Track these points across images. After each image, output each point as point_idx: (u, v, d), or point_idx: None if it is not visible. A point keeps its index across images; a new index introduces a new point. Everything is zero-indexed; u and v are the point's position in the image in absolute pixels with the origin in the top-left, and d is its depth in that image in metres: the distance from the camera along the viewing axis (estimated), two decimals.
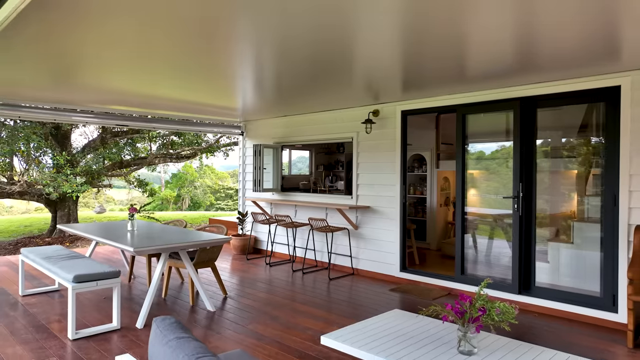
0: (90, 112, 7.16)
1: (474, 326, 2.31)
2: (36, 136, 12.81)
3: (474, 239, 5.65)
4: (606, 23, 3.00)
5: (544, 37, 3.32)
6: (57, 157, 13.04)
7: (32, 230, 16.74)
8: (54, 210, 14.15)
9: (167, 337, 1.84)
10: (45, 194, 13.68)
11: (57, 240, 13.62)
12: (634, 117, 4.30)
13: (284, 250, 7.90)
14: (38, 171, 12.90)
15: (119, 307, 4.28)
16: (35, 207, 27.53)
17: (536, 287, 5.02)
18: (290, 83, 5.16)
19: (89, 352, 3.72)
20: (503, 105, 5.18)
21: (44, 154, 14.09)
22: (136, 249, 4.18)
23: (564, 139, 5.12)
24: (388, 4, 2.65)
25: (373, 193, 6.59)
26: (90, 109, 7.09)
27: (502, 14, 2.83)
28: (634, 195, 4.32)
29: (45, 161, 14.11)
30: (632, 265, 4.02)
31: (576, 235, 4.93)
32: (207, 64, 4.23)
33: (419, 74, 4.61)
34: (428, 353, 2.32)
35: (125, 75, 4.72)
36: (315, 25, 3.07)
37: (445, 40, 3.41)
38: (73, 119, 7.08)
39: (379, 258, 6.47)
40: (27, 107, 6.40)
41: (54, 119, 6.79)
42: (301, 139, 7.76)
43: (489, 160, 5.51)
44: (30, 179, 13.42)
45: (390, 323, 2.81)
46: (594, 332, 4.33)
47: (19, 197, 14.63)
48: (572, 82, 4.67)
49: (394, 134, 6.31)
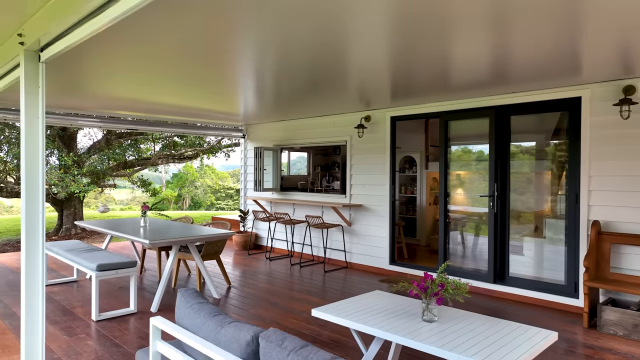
0: (102, 116, 7.70)
1: (434, 299, 2.84)
2: (47, 138, 13.30)
3: (456, 234, 6.19)
4: (569, 45, 3.51)
5: (517, 56, 3.84)
6: (64, 157, 13.49)
7: None
8: (60, 210, 14.61)
9: (190, 302, 2.39)
10: (52, 193, 14.19)
11: (64, 238, 14.06)
12: (592, 125, 4.85)
13: (282, 245, 8.44)
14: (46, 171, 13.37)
15: (135, 293, 4.82)
16: None
17: (510, 277, 5.56)
18: (289, 91, 5.69)
19: (112, 331, 4.27)
20: (480, 113, 5.73)
21: (50, 155, 14.60)
22: (151, 241, 4.72)
23: (539, 142, 5.65)
24: (379, 27, 3.18)
25: (365, 192, 7.14)
26: (96, 114, 7.62)
27: (482, 38, 3.34)
28: (593, 194, 4.86)
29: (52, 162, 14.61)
30: (588, 256, 4.56)
31: (547, 230, 5.47)
32: (214, 76, 4.78)
33: (407, 84, 5.15)
34: (398, 321, 2.85)
35: (137, 86, 5.27)
36: (313, 44, 3.59)
37: (431, 57, 3.91)
38: (79, 123, 7.61)
39: (371, 252, 7.02)
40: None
41: (70, 123, 7.34)
42: (299, 141, 8.30)
43: (469, 162, 6.05)
44: None
45: (371, 301, 3.34)
46: (558, 315, 4.87)
47: None
48: (540, 93, 5.21)
49: (384, 138, 6.85)
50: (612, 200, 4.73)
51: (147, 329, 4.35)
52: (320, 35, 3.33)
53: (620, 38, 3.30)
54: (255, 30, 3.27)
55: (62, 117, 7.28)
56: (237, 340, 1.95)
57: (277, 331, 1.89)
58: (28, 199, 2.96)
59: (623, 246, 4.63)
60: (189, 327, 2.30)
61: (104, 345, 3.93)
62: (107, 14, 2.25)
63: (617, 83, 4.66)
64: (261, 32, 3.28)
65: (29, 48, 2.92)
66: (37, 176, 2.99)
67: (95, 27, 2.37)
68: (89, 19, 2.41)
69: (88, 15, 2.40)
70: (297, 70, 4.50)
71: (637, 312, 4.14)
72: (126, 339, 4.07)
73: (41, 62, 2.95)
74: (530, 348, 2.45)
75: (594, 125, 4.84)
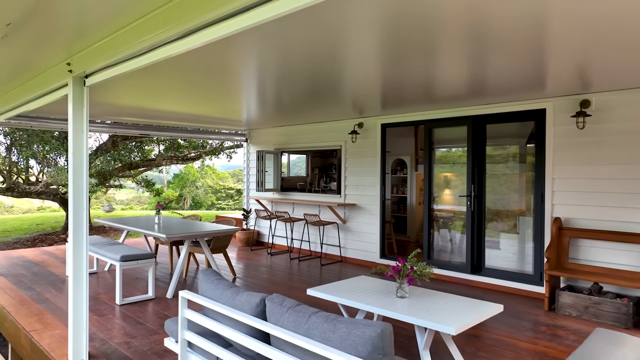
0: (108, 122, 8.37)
1: (405, 280, 3.49)
2: (54, 140, 13.93)
3: (440, 231, 6.85)
4: (535, 67, 4.12)
5: (490, 75, 4.47)
6: None
7: (44, 228, 17.73)
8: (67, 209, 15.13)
9: (210, 278, 3.05)
10: (61, 193, 14.82)
11: None
12: (555, 133, 5.51)
13: (282, 242, 9.11)
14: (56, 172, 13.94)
15: (153, 281, 5.49)
16: (38, 206, 28.60)
17: (486, 268, 6.23)
18: (289, 100, 6.34)
19: (135, 312, 4.93)
20: (460, 122, 6.39)
21: (59, 156, 15.21)
22: (168, 235, 5.39)
23: (512, 147, 6.30)
24: (371, 50, 3.82)
25: (358, 192, 7.80)
26: (100, 120, 8.28)
27: (461, 60, 3.94)
28: (556, 194, 5.53)
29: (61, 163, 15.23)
30: (549, 248, 5.23)
31: (520, 227, 6.13)
32: (220, 89, 5.45)
33: (396, 95, 5.78)
34: (377, 297, 3.51)
35: (151, 99, 5.94)
36: (311, 62, 4.18)
37: (417, 74, 4.49)
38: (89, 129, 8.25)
39: (363, 247, 7.68)
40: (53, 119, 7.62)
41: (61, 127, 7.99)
42: (298, 146, 8.97)
43: (451, 165, 6.71)
44: (50, 179, 14.54)
45: (356, 283, 4.00)
46: (525, 301, 5.53)
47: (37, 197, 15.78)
48: (511, 104, 5.88)
49: (375, 143, 7.52)
50: (572, 200, 5.40)
51: (165, 311, 5.01)
52: (317, 56, 3.96)
53: (577, 60, 3.89)
54: (260, 56, 3.93)
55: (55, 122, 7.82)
56: (249, 303, 2.62)
57: (279, 295, 2.55)
58: (75, 199, 3.63)
59: (580, 239, 5.30)
60: (211, 298, 2.96)
61: (130, 323, 4.59)
62: (141, 59, 2.91)
63: (575, 97, 5.33)
64: (265, 55, 3.94)
65: (76, 75, 3.59)
66: (82, 179, 3.65)
67: (130, 68, 3.05)
68: (125, 61, 3.08)
69: (124, 59, 3.07)
70: (297, 83, 5.13)
71: (587, 296, 4.80)
72: (147, 319, 4.73)
73: (86, 86, 3.62)
74: (478, 315, 3.12)
75: (557, 134, 5.50)
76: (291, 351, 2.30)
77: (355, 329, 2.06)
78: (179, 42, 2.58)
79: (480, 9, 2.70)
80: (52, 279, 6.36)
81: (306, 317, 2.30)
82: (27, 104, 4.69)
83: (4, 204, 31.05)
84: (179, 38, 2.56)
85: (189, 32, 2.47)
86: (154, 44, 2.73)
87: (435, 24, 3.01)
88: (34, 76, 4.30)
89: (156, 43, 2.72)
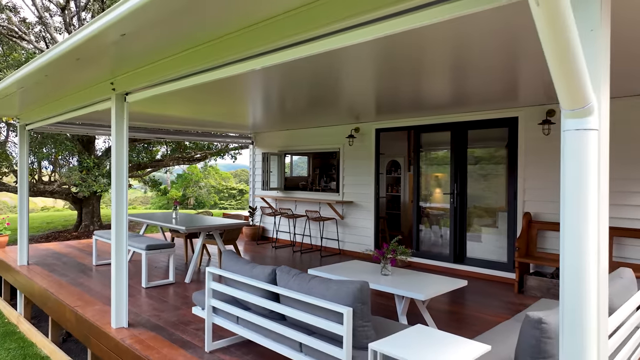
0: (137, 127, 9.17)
1: (389, 260, 4.27)
2: (69, 142, 14.68)
3: (427, 225, 7.62)
4: (509, 83, 4.90)
5: (470, 89, 5.21)
6: (87, 160, 14.65)
7: (55, 226, 18.43)
8: (79, 208, 15.85)
9: (231, 256, 3.84)
10: (73, 193, 15.56)
11: (84, 234, 15.33)
12: (526, 138, 6.28)
13: (286, 236, 9.89)
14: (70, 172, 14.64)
15: (173, 267, 6.27)
16: (42, 206, 29.31)
17: (467, 258, 7.00)
18: (292, 107, 7.10)
19: (159, 293, 5.72)
20: (444, 127, 7.16)
21: (72, 157, 15.93)
22: (187, 228, 6.17)
23: (491, 150, 7.07)
24: (366, 67, 4.60)
25: (355, 191, 8.58)
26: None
27: (445, 77, 4.69)
28: (526, 191, 6.30)
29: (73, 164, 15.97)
30: (520, 239, 6.00)
31: (499, 222, 6.89)
32: (230, 100, 6.23)
33: (388, 104, 6.52)
34: (367, 275, 4.28)
35: (167, 109, 6.72)
36: (313, 78, 4.95)
37: (407, 87, 5.23)
38: (97, 132, 8.98)
39: (359, 241, 8.46)
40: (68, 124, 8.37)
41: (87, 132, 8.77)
42: (300, 148, 9.76)
43: (438, 166, 7.48)
44: (65, 179, 15.31)
45: (351, 265, 4.78)
46: (499, 285, 6.30)
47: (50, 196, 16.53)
48: (489, 112, 6.65)
49: (370, 146, 8.30)
50: (539, 197, 6.17)
51: (186, 292, 5.80)
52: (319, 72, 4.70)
53: (542, 77, 4.62)
54: (267, 73, 4.72)
55: (81, 127, 8.50)
56: (263, 273, 3.39)
57: (286, 267, 3.33)
58: (117, 195, 4.41)
59: (547, 231, 6.07)
60: (232, 271, 3.74)
61: (156, 301, 5.38)
62: (172, 85, 3.70)
63: (542, 107, 6.10)
64: (272, 72, 4.72)
65: (118, 93, 4.37)
66: (122, 176, 4.43)
67: (163, 91, 3.85)
68: (160, 84, 3.86)
69: (159, 83, 3.86)
70: (300, 93, 5.87)
71: (550, 279, 5.57)
72: (170, 298, 5.52)
73: (126, 102, 4.40)
74: (444, 287, 3.90)
75: (527, 139, 6.27)
76: (296, 306, 3.08)
77: (342, 286, 2.84)
78: (205, 74, 3.37)
79: (459, 38, 3.34)
80: (81, 268, 7.15)
81: (307, 280, 3.08)
82: (72, 112, 5.46)
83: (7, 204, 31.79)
84: (204, 71, 3.36)
85: (212, 68, 3.27)
86: (180, 74, 3.53)
87: (422, 51, 3.72)
88: (80, 90, 5.08)
89: (182, 74, 3.51)
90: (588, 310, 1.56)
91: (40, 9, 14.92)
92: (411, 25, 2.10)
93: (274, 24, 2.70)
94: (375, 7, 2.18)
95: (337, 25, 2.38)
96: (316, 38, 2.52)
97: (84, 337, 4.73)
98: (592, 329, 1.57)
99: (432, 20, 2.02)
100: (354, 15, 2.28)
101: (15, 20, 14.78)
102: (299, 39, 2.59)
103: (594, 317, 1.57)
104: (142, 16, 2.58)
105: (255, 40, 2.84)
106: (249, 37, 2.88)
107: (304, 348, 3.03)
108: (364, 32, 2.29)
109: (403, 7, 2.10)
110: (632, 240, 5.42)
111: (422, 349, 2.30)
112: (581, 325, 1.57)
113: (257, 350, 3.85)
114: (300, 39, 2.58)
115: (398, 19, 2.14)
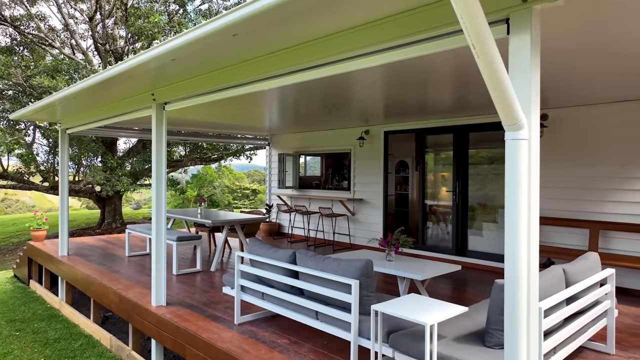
0: None
1: (393, 248, 4.88)
2: (95, 143, 15.47)
3: (432, 221, 8.21)
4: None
5: (472, 94, 5.80)
6: (110, 160, 15.36)
7: (78, 224, 19.28)
8: (102, 206, 16.61)
9: (257, 242, 4.50)
10: (97, 192, 16.34)
11: (106, 231, 16.06)
12: None
13: (300, 232, 10.55)
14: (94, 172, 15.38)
15: (200, 257, 6.96)
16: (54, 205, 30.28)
17: (469, 250, 7.57)
18: (306, 111, 7.75)
19: (188, 279, 6.40)
20: (447, 130, 7.75)
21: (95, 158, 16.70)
22: (213, 222, 6.86)
23: (492, 150, 7.63)
24: (376, 77, 5.22)
25: (365, 189, 9.20)
26: (133, 127, 9.79)
27: (449, 84, 5.29)
28: None
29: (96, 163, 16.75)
30: None
31: (499, 217, 7.45)
32: (249, 106, 6.89)
33: (396, 110, 7.15)
34: (374, 261, 4.91)
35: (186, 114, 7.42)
36: (326, 87, 5.62)
37: (413, 93, 5.86)
38: (120, 134, 9.68)
39: (369, 235, 9.07)
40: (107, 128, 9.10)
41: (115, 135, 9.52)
42: (313, 149, 10.41)
43: (442, 166, 8.07)
44: (91, 178, 16.13)
45: (360, 254, 5.41)
46: (498, 275, 6.86)
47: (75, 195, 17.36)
48: (488, 116, 7.21)
49: (379, 147, 8.91)
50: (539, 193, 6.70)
51: (212, 279, 6.48)
52: (332, 81, 5.37)
53: None
54: (282, 88, 5.37)
55: (111, 130, 9.19)
56: (285, 255, 4.04)
57: (304, 249, 3.98)
58: (157, 193, 5.09)
59: (547, 226, 6.62)
60: (258, 255, 4.40)
61: (187, 285, 6.07)
62: (207, 97, 4.37)
63: None
64: (288, 87, 5.37)
65: (159, 102, 5.06)
66: (161, 176, 5.11)
67: (199, 102, 4.53)
68: (197, 96, 4.54)
69: (196, 95, 4.53)
70: (314, 99, 6.51)
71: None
72: (199, 284, 6.20)
73: (165, 110, 5.09)
74: (439, 270, 4.51)
75: None
76: (312, 281, 3.73)
77: (351, 264, 3.47)
78: (234, 89, 4.04)
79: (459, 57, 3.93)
80: (116, 259, 7.89)
81: (321, 260, 3.72)
82: (114, 118, 6.18)
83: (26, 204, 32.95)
84: (233, 87, 4.02)
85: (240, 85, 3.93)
86: (212, 89, 4.20)
87: (428, 69, 4.35)
88: (123, 99, 5.78)
89: (214, 89, 4.18)
90: (520, 279, 2.17)
91: (66, 16, 15.80)
92: (408, 55, 2.73)
93: (291, 52, 3.35)
94: (381, 41, 2.80)
95: (344, 55, 3.02)
96: (329, 63, 3.16)
97: (127, 315, 5.43)
98: (523, 295, 2.17)
99: (421, 53, 2.66)
100: (361, 47, 2.91)
101: (44, 29, 15.67)
102: (313, 64, 3.24)
103: (524, 284, 2.18)
104: (191, 46, 3.25)
105: (276, 64, 3.50)
106: (271, 61, 3.54)
107: (320, 316, 3.67)
108: (372, 60, 2.93)
109: (400, 42, 2.73)
110: (615, 233, 5.96)
111: (413, 308, 2.93)
112: (515, 291, 2.18)
113: (279, 323, 4.50)
114: (313, 64, 3.23)
115: (398, 50, 2.77)
